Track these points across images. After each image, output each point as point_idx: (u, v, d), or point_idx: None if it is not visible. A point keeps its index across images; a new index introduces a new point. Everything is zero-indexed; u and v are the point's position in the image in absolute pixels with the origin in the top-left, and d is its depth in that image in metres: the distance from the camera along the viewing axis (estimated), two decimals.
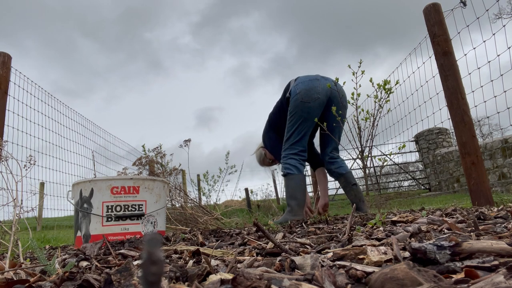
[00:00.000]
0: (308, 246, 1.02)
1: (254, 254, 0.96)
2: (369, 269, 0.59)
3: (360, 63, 2.02)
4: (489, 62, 2.49)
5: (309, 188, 7.35)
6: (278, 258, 0.79)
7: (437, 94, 2.83)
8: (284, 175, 2.68)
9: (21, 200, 1.21)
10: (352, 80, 2.07)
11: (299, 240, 1.13)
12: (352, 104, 2.09)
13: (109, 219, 1.89)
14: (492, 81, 2.44)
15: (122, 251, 1.21)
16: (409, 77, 3.36)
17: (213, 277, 0.59)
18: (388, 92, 2.00)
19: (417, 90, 3.28)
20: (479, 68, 2.50)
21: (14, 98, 2.76)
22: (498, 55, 2.44)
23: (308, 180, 7.37)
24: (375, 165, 7.58)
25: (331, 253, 0.77)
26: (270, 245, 1.03)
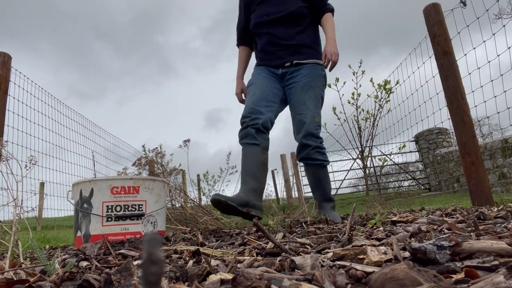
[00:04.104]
0: (308, 246, 1.02)
1: (254, 254, 0.96)
2: (369, 269, 0.59)
3: (361, 63, 2.02)
4: (489, 62, 2.49)
5: (307, 188, 7.30)
6: (278, 258, 0.79)
7: (437, 94, 2.83)
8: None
9: (21, 200, 1.21)
10: (353, 80, 2.07)
11: (299, 240, 1.13)
12: (352, 104, 2.09)
13: (109, 219, 1.89)
14: (492, 81, 2.44)
15: (122, 251, 1.21)
16: (409, 77, 3.36)
17: (213, 277, 0.59)
18: (388, 92, 2.00)
19: (417, 90, 3.28)
20: (479, 68, 2.50)
21: (14, 98, 2.76)
22: (498, 55, 2.44)
23: (306, 180, 7.33)
24: (375, 165, 7.57)
25: (331, 253, 0.77)
26: (270, 245, 1.03)
